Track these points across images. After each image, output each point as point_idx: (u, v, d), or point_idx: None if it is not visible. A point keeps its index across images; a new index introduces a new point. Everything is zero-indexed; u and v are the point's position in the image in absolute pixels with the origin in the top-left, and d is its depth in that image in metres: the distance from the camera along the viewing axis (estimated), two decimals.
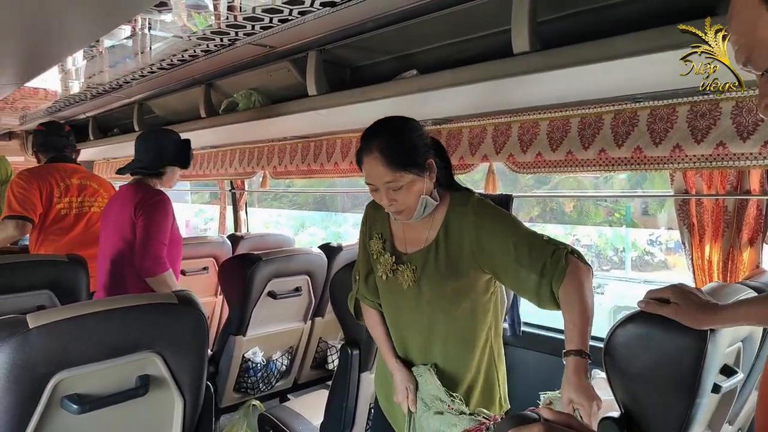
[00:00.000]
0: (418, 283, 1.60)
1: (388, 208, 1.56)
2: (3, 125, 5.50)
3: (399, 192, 1.50)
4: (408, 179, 1.49)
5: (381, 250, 1.69)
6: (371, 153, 1.50)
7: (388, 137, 1.51)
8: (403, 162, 1.48)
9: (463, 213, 1.57)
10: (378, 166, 1.49)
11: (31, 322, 1.20)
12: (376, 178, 1.51)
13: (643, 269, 10.26)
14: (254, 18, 2.00)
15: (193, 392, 1.46)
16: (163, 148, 2.65)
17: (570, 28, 1.75)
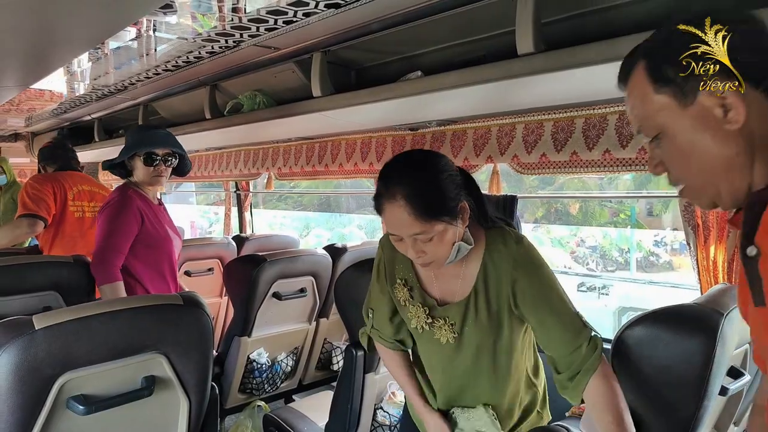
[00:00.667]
0: (459, 339, 1.45)
1: (415, 260, 1.37)
2: (9, 127, 5.53)
3: (429, 243, 1.30)
4: (440, 229, 1.29)
5: (409, 298, 1.49)
6: (394, 200, 1.28)
7: (416, 183, 1.28)
8: (434, 211, 1.27)
9: (500, 256, 1.40)
10: (403, 216, 1.27)
11: (37, 323, 1.20)
12: (400, 229, 1.30)
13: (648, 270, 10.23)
14: (259, 20, 2.00)
15: (198, 393, 1.46)
16: (126, 144, 2.54)
17: (575, 29, 1.75)
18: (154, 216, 2.51)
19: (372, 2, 1.79)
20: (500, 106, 2.30)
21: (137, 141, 2.47)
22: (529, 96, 2.06)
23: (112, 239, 2.33)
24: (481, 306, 1.41)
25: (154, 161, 2.46)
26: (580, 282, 8.82)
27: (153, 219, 2.49)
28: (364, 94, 2.28)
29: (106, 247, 2.31)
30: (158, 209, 2.58)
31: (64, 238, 3.09)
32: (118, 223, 2.35)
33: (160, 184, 2.54)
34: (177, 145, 2.55)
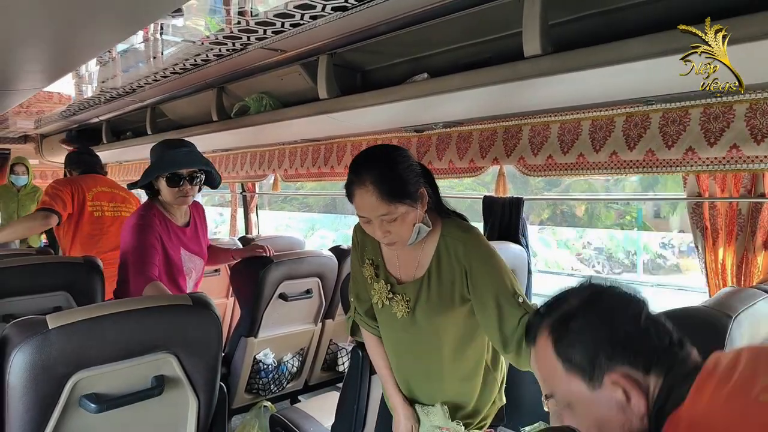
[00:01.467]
0: (413, 314, 1.61)
1: (381, 240, 1.54)
2: (19, 129, 5.58)
3: (393, 224, 1.48)
4: (402, 210, 1.47)
5: (374, 276, 1.68)
6: (363, 186, 1.46)
7: (381, 169, 1.47)
8: (397, 194, 1.46)
9: (455, 243, 1.57)
10: (371, 199, 1.46)
11: (50, 322, 1.22)
12: (369, 211, 1.48)
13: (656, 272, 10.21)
14: (266, 23, 2.02)
15: (207, 392, 1.47)
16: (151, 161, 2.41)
17: (582, 30, 1.76)
18: (170, 241, 2.38)
19: (378, 5, 1.81)
20: (506, 107, 2.30)
21: (159, 162, 2.34)
22: (535, 98, 2.06)
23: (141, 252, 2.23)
24: (434, 285, 1.59)
25: (179, 182, 2.32)
26: None
27: (169, 245, 2.37)
28: (370, 96, 2.29)
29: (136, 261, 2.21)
30: (181, 231, 2.44)
31: (84, 236, 3.14)
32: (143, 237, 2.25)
33: (186, 203, 2.42)
34: (201, 162, 2.40)
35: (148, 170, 2.34)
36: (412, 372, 1.71)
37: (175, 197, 2.34)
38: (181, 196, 2.35)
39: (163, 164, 2.32)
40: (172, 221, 2.41)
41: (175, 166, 2.31)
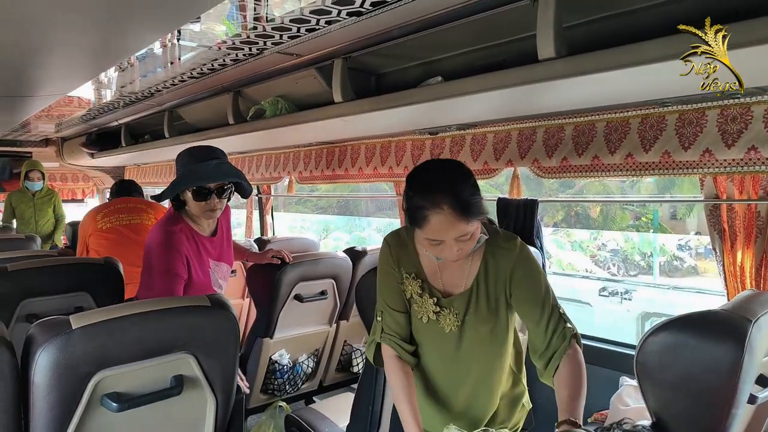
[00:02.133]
0: (461, 327, 1.60)
1: (452, 258, 1.49)
2: (40, 132, 5.68)
3: (467, 241, 1.46)
4: (475, 227, 1.46)
5: (419, 291, 1.62)
6: (440, 210, 1.40)
7: (455, 190, 1.42)
8: (473, 212, 1.43)
9: (502, 252, 1.57)
10: (449, 222, 1.41)
11: (74, 322, 1.25)
12: (445, 234, 1.43)
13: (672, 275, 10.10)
14: (282, 27, 2.05)
15: (224, 392, 1.49)
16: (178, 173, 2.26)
17: (596, 33, 1.76)
18: (198, 256, 2.27)
19: (392, 9, 1.82)
20: (520, 110, 2.31)
21: (186, 175, 2.19)
22: (549, 100, 2.07)
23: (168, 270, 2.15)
24: (482, 296, 1.58)
25: (206, 196, 2.18)
26: (602, 287, 8.73)
27: (197, 261, 2.26)
28: (385, 100, 2.30)
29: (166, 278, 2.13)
30: (209, 242, 2.33)
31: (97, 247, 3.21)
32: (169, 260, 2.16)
33: (213, 217, 2.29)
34: (231, 175, 2.24)
35: (175, 183, 2.20)
36: (458, 384, 1.67)
37: (203, 211, 2.22)
38: (208, 210, 2.21)
39: (190, 178, 2.18)
40: (199, 233, 2.29)
41: (203, 180, 2.17)
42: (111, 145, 5.17)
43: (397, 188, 3.54)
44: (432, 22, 1.94)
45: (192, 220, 2.28)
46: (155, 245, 2.20)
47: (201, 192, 2.17)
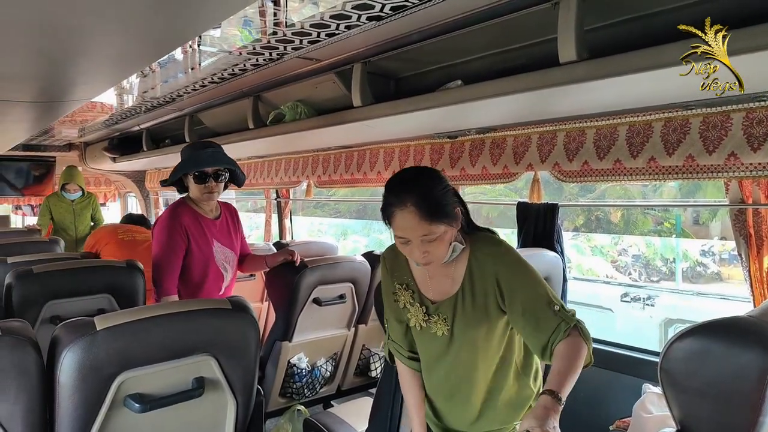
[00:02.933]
0: (451, 331, 1.63)
1: (420, 260, 1.55)
2: (64, 137, 5.78)
3: (432, 244, 1.50)
4: (441, 230, 1.49)
5: (411, 300, 1.69)
6: (404, 207, 1.47)
7: (421, 191, 1.49)
8: (437, 214, 1.47)
9: (485, 257, 1.59)
10: (413, 220, 1.47)
11: (98, 324, 1.27)
12: (410, 232, 1.49)
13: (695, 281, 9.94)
14: (302, 32, 2.06)
15: (245, 395, 1.50)
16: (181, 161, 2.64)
17: (618, 36, 1.74)
18: (201, 232, 2.58)
19: (412, 14, 1.82)
20: (541, 113, 2.29)
21: (185, 162, 2.58)
22: (570, 104, 2.05)
23: (164, 258, 2.49)
24: (468, 300, 1.60)
25: (205, 179, 2.55)
26: (623, 292, 8.62)
27: (199, 236, 2.57)
28: (404, 104, 2.31)
29: (161, 267, 2.48)
30: (212, 224, 2.65)
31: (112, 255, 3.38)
32: (167, 241, 2.50)
33: (213, 200, 2.63)
34: (225, 162, 2.62)
35: (177, 168, 2.59)
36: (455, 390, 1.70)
37: (202, 193, 2.57)
38: (207, 192, 2.57)
39: (190, 163, 2.56)
40: (202, 215, 2.62)
41: (201, 165, 2.54)
42: (132, 149, 5.24)
43: None
44: (451, 26, 1.94)
45: (195, 204, 2.63)
46: (160, 220, 2.58)
47: (200, 176, 2.55)
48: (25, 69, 1.97)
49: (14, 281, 2.10)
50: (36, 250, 3.35)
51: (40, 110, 2.90)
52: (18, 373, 1.20)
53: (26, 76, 2.10)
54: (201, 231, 2.59)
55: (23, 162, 6.46)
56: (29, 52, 1.74)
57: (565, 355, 1.45)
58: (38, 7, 1.28)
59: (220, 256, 2.64)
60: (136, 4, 1.29)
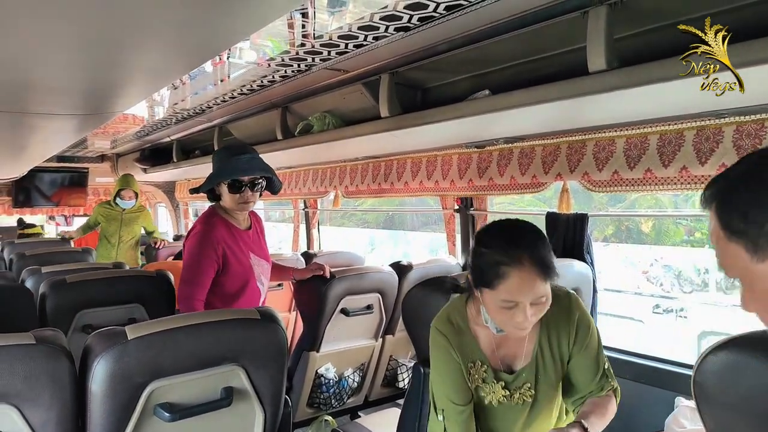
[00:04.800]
0: (535, 396, 1.53)
1: (521, 326, 1.38)
2: (97, 149, 5.92)
3: (541, 306, 1.36)
4: (549, 289, 1.37)
5: (485, 376, 1.52)
6: (521, 265, 1.32)
7: (539, 245, 1.35)
8: (553, 270, 1.34)
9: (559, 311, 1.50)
10: (532, 278, 1.32)
11: (129, 333, 1.29)
12: (524, 294, 1.33)
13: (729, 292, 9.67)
14: (330, 44, 2.08)
15: (273, 405, 1.51)
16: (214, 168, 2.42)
17: (648, 44, 1.72)
18: (237, 245, 2.39)
19: (440, 24, 1.83)
20: (570, 123, 2.27)
21: (221, 169, 2.36)
22: (600, 113, 2.03)
23: (193, 274, 2.28)
24: (548, 361, 1.53)
25: (240, 188, 2.33)
26: (655, 304, 8.44)
27: (236, 249, 2.38)
28: (431, 114, 2.30)
29: (188, 281, 2.27)
30: (246, 235, 2.45)
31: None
32: (199, 257, 2.29)
33: (248, 209, 2.44)
34: (263, 169, 2.40)
35: (211, 177, 2.37)
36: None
37: (237, 203, 2.35)
38: (242, 203, 2.36)
39: (225, 171, 2.34)
40: (235, 226, 2.42)
41: (237, 173, 2.33)
42: (163, 160, 5.34)
43: (443, 202, 3.53)
44: (479, 36, 1.93)
45: (227, 214, 2.41)
46: (194, 233, 2.35)
47: (235, 185, 2.32)
48: (65, 82, 2.03)
49: (48, 291, 2.15)
50: (69, 259, 3.43)
51: (76, 123, 2.97)
52: (51, 382, 1.22)
53: (65, 90, 2.16)
54: (237, 244, 2.39)
55: (57, 173, 6.60)
56: (71, 66, 1.80)
57: (601, 406, 1.47)
58: (85, 21, 1.32)
59: (258, 269, 2.48)
60: (173, 17, 1.33)
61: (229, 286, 2.36)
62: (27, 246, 4.55)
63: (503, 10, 1.71)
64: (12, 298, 2.14)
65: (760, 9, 1.49)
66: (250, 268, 2.42)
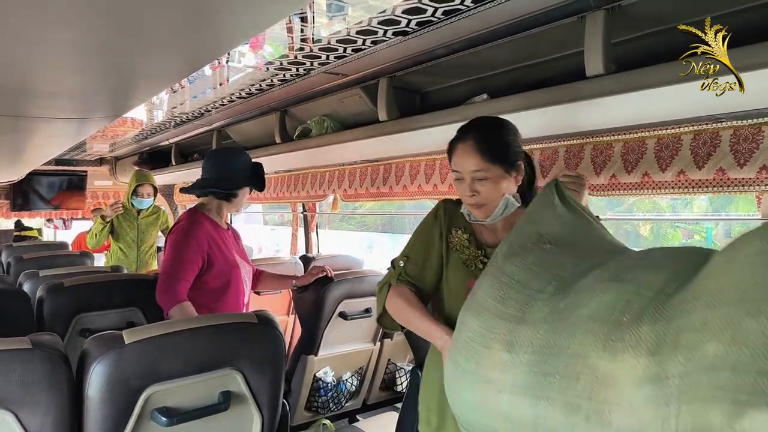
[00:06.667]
0: None
1: (468, 200, 1.55)
2: (95, 152, 5.91)
3: (484, 184, 1.51)
4: (496, 173, 1.51)
5: (466, 243, 1.64)
6: (466, 141, 1.54)
7: (487, 128, 1.56)
8: (496, 154, 1.51)
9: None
10: (470, 154, 1.52)
11: (126, 338, 1.29)
12: (464, 166, 1.53)
13: None
14: (329, 48, 2.08)
15: (270, 409, 1.51)
16: (236, 169, 2.52)
17: (646, 48, 1.72)
18: (223, 243, 2.46)
19: (438, 29, 1.83)
20: (568, 127, 2.27)
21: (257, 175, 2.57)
22: (597, 117, 2.03)
23: (176, 266, 2.27)
24: None
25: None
26: None
27: (222, 245, 2.44)
28: (430, 118, 2.31)
29: (171, 274, 2.25)
30: (227, 235, 2.54)
31: None
32: (184, 250, 2.30)
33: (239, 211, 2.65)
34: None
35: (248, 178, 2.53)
36: None
37: (242, 205, 2.59)
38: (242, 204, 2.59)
39: (259, 179, 2.56)
40: (219, 225, 2.52)
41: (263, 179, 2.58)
42: (162, 164, 5.34)
43: None
44: (477, 41, 1.93)
45: (213, 213, 2.51)
46: (180, 227, 2.39)
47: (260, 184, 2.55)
48: (64, 87, 2.03)
49: (46, 294, 2.15)
50: (67, 263, 3.43)
51: (75, 126, 2.97)
52: (48, 387, 1.22)
53: (64, 94, 2.16)
54: (223, 241, 2.46)
55: (55, 176, 6.59)
56: (71, 71, 1.80)
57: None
58: (84, 26, 1.33)
59: (242, 269, 2.52)
60: (174, 22, 1.33)
61: (214, 282, 2.38)
62: (25, 249, 4.54)
63: (501, 14, 1.71)
64: (9, 301, 2.13)
65: (757, 13, 1.50)
66: (235, 265, 2.46)
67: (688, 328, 0.76)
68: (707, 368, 0.71)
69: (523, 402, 0.96)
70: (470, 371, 1.08)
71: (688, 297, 0.80)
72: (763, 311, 0.68)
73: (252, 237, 9.60)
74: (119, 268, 3.09)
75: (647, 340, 0.81)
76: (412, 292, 1.66)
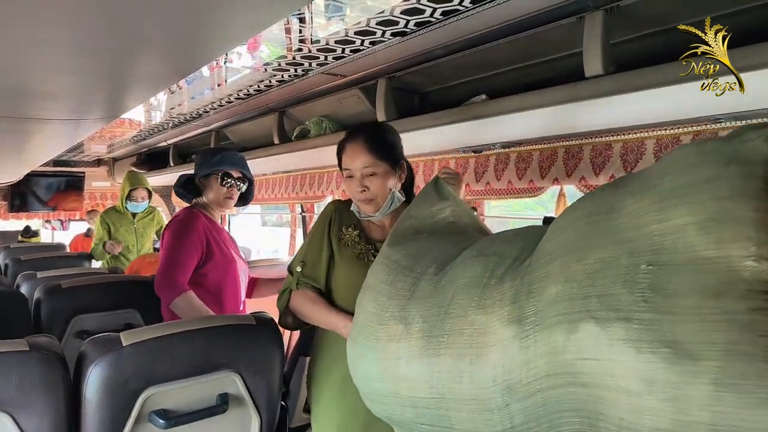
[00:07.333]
0: None
1: (358, 195, 1.69)
2: (93, 153, 5.89)
3: (372, 180, 1.67)
4: (384, 169, 1.68)
5: (357, 239, 1.78)
6: (356, 141, 1.70)
7: (373, 130, 1.74)
8: (383, 151, 1.68)
9: None
10: (359, 152, 1.67)
11: (124, 339, 1.28)
12: (354, 163, 1.68)
13: None
14: (327, 49, 2.08)
15: (269, 411, 1.50)
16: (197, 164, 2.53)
17: (645, 49, 1.72)
18: (220, 236, 2.47)
19: (437, 29, 1.82)
20: (567, 128, 2.26)
21: (219, 160, 2.46)
22: (596, 118, 2.02)
23: (176, 257, 2.26)
24: None
25: (229, 182, 2.46)
26: None
27: (219, 239, 2.45)
28: (428, 119, 2.30)
29: (171, 264, 2.23)
30: (223, 231, 2.56)
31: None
32: (183, 241, 2.30)
33: (229, 206, 2.54)
34: (248, 170, 2.58)
35: (206, 165, 2.44)
36: None
37: (222, 197, 2.45)
38: (226, 197, 2.47)
39: (224, 161, 2.45)
40: (214, 221, 2.51)
41: (233, 165, 2.47)
42: (160, 165, 5.33)
43: None
44: (476, 41, 1.93)
45: (207, 210, 2.49)
46: (176, 222, 2.39)
47: (225, 177, 2.44)
48: (61, 88, 2.02)
49: (43, 296, 2.14)
50: (65, 264, 3.42)
51: (73, 127, 2.97)
52: (45, 389, 1.21)
53: (60, 95, 2.16)
54: (220, 235, 2.47)
55: (53, 178, 6.57)
56: (67, 72, 1.80)
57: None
58: (82, 27, 1.32)
59: (240, 263, 2.51)
60: (170, 23, 1.32)
61: (213, 275, 2.37)
62: (23, 251, 4.53)
63: (499, 15, 1.71)
64: (7, 303, 2.12)
65: (757, 13, 1.50)
66: (232, 259, 2.45)
67: (537, 280, 1.04)
68: (550, 303, 0.98)
69: (419, 362, 1.16)
70: (370, 347, 1.27)
71: (534, 259, 1.10)
72: (583, 257, 0.96)
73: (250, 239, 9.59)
74: (117, 270, 3.08)
75: (509, 293, 1.08)
76: (313, 291, 1.79)
